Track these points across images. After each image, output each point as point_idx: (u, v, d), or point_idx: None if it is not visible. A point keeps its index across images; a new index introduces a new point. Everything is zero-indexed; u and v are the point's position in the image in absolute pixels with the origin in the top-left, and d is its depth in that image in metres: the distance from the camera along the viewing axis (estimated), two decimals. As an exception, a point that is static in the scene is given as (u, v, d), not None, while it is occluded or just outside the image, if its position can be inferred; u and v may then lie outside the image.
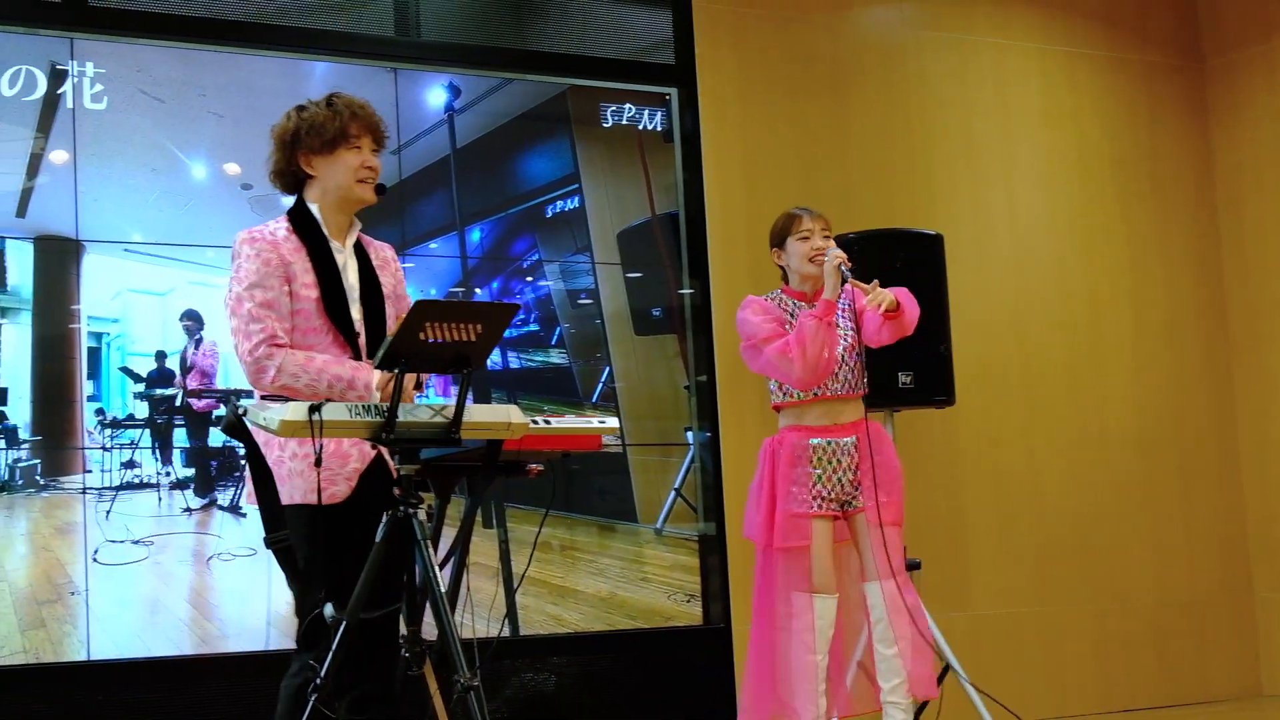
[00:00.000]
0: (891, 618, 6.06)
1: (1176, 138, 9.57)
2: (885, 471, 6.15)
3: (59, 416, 6.79)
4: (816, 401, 6.16)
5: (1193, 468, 9.32)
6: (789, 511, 6.10)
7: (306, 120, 4.83)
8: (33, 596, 6.56)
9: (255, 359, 4.62)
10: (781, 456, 6.18)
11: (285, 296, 4.70)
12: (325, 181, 4.86)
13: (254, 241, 4.74)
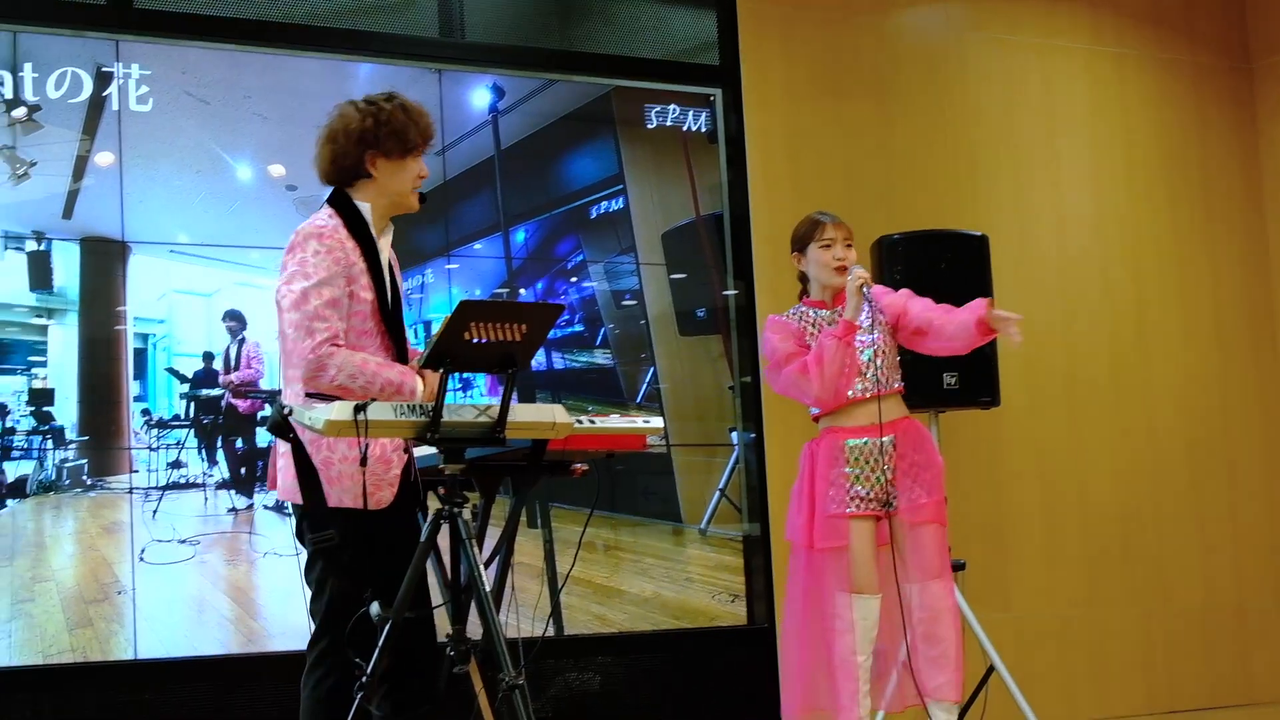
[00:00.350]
0: (929, 617, 6.02)
1: (1224, 139, 9.50)
2: (926, 470, 6.12)
3: (105, 417, 6.80)
4: (852, 403, 6.11)
5: (1240, 470, 9.25)
6: (826, 513, 6.07)
7: (386, 123, 4.78)
8: (80, 596, 6.57)
9: (318, 357, 4.54)
10: (820, 458, 6.15)
11: (347, 297, 4.67)
12: (386, 185, 4.82)
13: (323, 238, 4.67)
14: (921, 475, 6.09)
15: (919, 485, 6.07)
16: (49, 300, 6.71)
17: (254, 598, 6.90)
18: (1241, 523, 9.20)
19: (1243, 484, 9.25)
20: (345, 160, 4.79)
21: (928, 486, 6.09)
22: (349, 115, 4.80)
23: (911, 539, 6.05)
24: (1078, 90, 9.09)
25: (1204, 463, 9.12)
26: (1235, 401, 9.29)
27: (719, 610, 7.84)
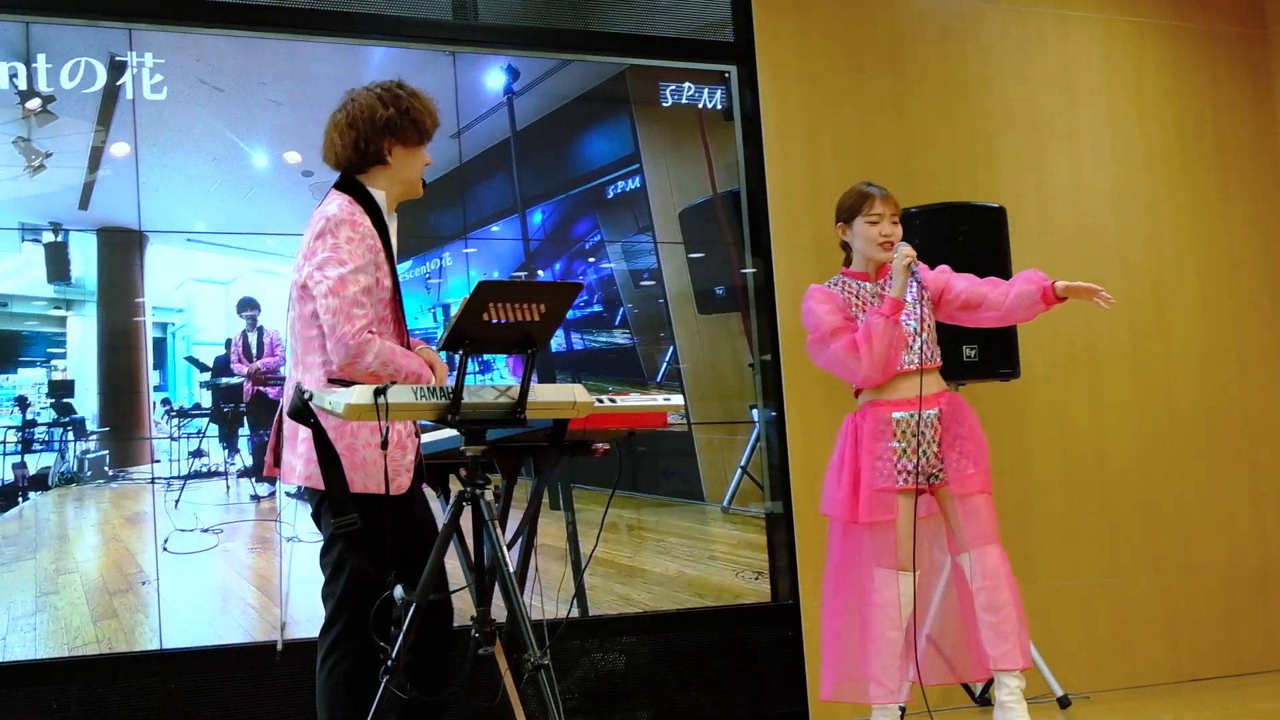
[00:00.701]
0: (989, 584, 6.00)
1: (1240, 106, 9.45)
2: (970, 442, 6.12)
3: (126, 407, 6.77)
4: (901, 376, 6.10)
5: (1261, 437, 9.21)
6: (874, 486, 6.04)
7: (405, 111, 4.82)
8: (104, 587, 6.54)
9: (359, 344, 4.54)
10: (865, 431, 6.12)
11: (375, 286, 4.69)
12: (399, 172, 4.87)
13: (355, 225, 4.68)
14: (966, 447, 6.11)
15: (965, 457, 6.08)
16: (67, 291, 6.69)
17: (279, 585, 6.87)
18: (1262, 489, 9.16)
19: (1263, 451, 9.21)
20: (367, 147, 4.81)
21: (974, 457, 6.11)
22: (369, 103, 4.82)
23: (963, 509, 6.05)
24: (1094, 60, 9.05)
25: (1223, 431, 9.08)
26: (1254, 370, 9.24)
27: (743, 588, 7.81)
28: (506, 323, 4.40)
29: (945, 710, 7.75)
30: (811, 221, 8.02)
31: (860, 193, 6.25)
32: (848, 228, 6.28)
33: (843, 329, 6.10)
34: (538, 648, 4.42)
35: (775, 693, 7.69)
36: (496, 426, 4.58)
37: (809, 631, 7.74)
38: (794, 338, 7.89)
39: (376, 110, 4.80)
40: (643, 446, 7.69)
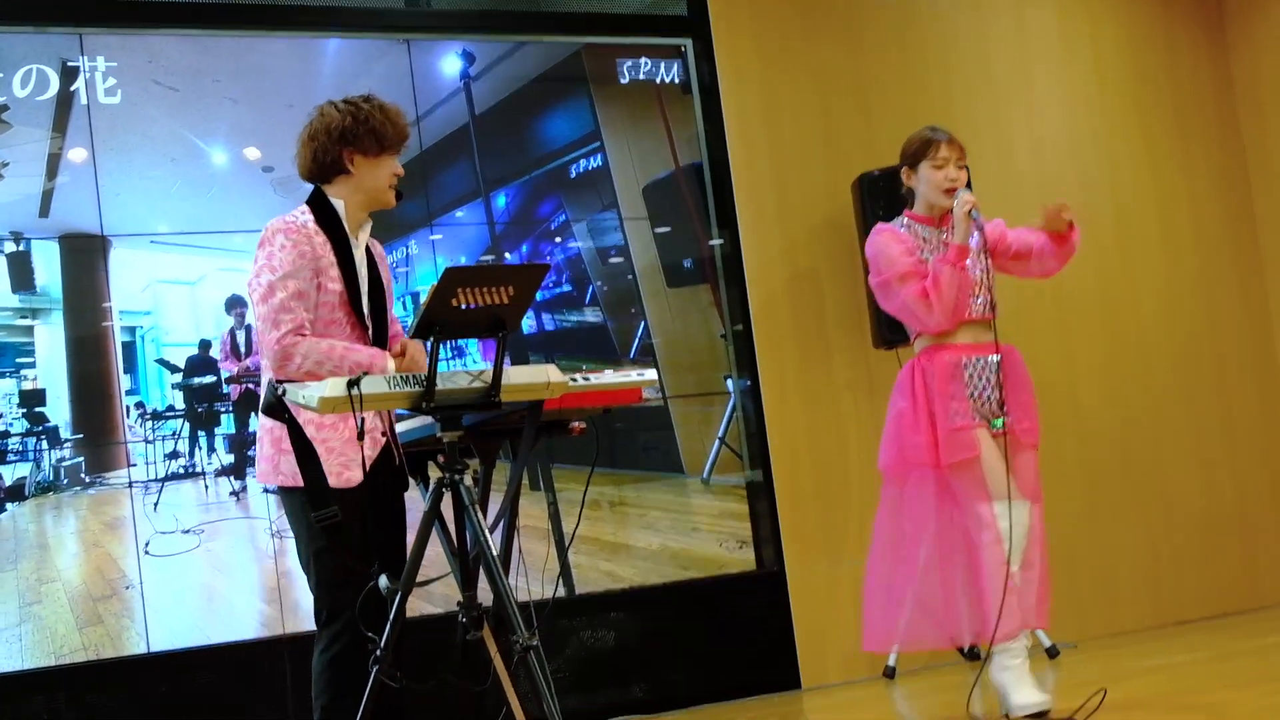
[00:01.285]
0: (1031, 542, 5.93)
1: (1194, 52, 9.42)
2: (1026, 394, 6.09)
3: (99, 413, 6.72)
4: (963, 324, 6.02)
5: (1231, 378, 9.20)
6: (951, 427, 5.92)
7: (363, 120, 4.87)
8: (88, 594, 6.49)
9: (283, 347, 4.66)
10: (934, 374, 5.99)
11: (314, 289, 4.76)
12: (362, 181, 4.91)
13: (290, 232, 4.76)
14: (1023, 398, 6.05)
15: (1021, 409, 6.03)
16: (33, 300, 6.63)
17: (263, 581, 6.83)
18: (1237, 429, 9.16)
19: (1234, 391, 9.20)
20: (326, 157, 4.89)
21: (1027, 409, 6.05)
22: (330, 115, 4.90)
23: (1017, 461, 5.95)
24: (1047, 14, 9.01)
25: (1194, 373, 9.07)
26: (1221, 311, 9.23)
27: (727, 558, 7.79)
28: (476, 307, 4.39)
29: (936, 666, 7.75)
30: (775, 190, 8.01)
31: (925, 138, 6.11)
32: (912, 172, 6.14)
33: (913, 273, 5.97)
34: (526, 629, 4.41)
35: (765, 660, 7.68)
36: (472, 411, 4.56)
37: (796, 598, 7.73)
38: (765, 306, 7.89)
39: (334, 120, 4.87)
40: (620, 423, 7.67)
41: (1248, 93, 9.42)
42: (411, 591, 4.51)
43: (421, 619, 6.06)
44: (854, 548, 7.86)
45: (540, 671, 4.39)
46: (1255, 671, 6.67)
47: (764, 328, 7.92)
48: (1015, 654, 5.82)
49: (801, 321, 8.01)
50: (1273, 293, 9.34)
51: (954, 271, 5.89)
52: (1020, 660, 5.82)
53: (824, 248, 8.04)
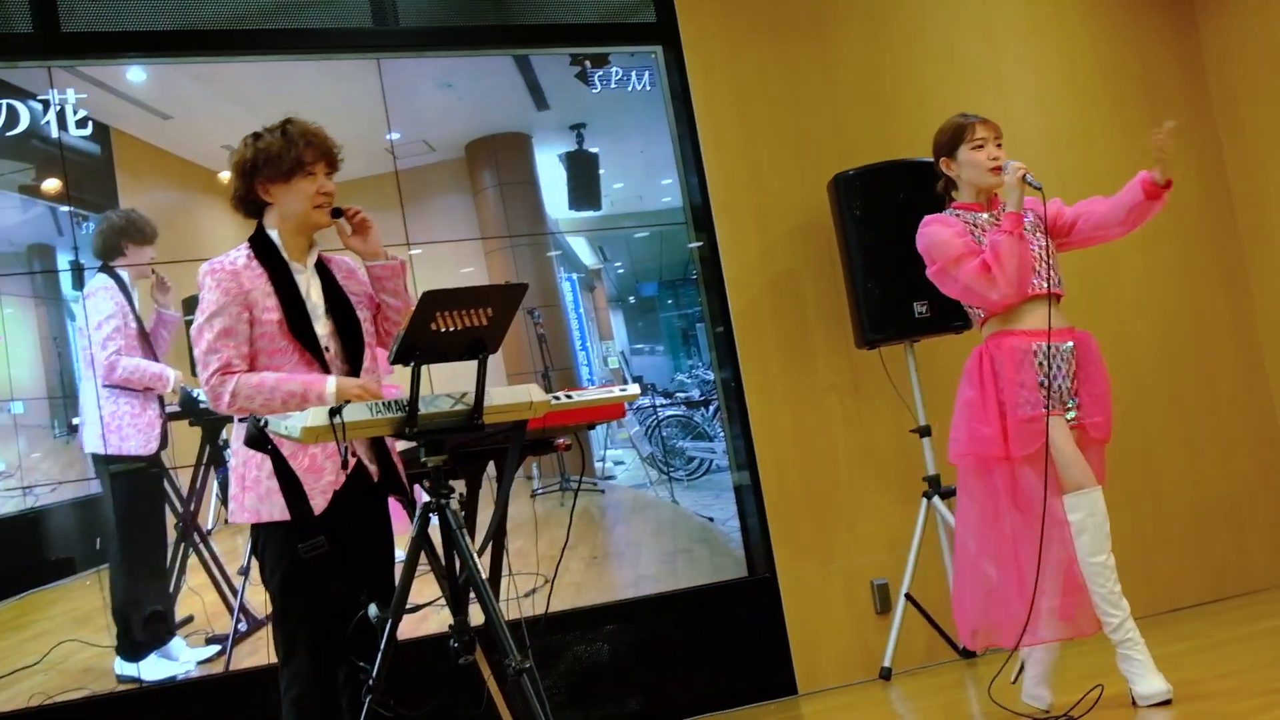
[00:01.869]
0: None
1: (1164, 38, 9.40)
2: (1099, 385, 5.85)
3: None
4: (1025, 305, 5.76)
5: (1215, 364, 9.18)
6: (1021, 417, 5.67)
7: (263, 151, 4.88)
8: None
9: (211, 386, 4.72)
10: (1003, 361, 5.73)
11: (244, 323, 4.78)
12: (283, 208, 4.92)
13: (214, 273, 4.80)
14: (1096, 390, 5.83)
15: (1094, 399, 5.81)
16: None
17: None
18: (1223, 416, 9.14)
19: (1218, 377, 9.18)
20: (241, 193, 4.94)
21: (1100, 401, 5.83)
22: (237, 152, 4.95)
23: (1086, 455, 5.74)
24: (1016, 6, 8.99)
25: (1178, 361, 9.05)
26: (1202, 296, 9.22)
27: (718, 532, 7.82)
28: (456, 330, 4.38)
29: (932, 666, 7.74)
30: (751, 192, 8.00)
31: (958, 124, 5.92)
32: (951, 161, 5.94)
33: (969, 253, 5.74)
34: (518, 651, 4.40)
35: (760, 667, 7.65)
36: (455, 434, 4.55)
37: (789, 603, 7.71)
38: (746, 309, 7.87)
39: (239, 157, 4.92)
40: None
41: (1220, 78, 9.40)
42: (402, 618, 4.50)
43: (413, 641, 6.03)
44: (844, 550, 7.87)
45: (534, 692, 4.39)
46: (1248, 658, 6.65)
47: (745, 330, 7.90)
48: (1133, 644, 5.66)
49: (783, 323, 7.99)
50: (1254, 278, 9.32)
51: (1012, 240, 5.64)
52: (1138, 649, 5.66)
53: (803, 248, 8.02)
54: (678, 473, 7.82)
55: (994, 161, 5.83)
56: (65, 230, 6.66)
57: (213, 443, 6.81)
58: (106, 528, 6.58)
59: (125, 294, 6.72)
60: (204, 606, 6.65)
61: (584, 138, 7.90)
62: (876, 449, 8.00)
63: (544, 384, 7.18)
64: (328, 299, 4.93)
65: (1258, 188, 9.27)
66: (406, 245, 7.32)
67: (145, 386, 6.71)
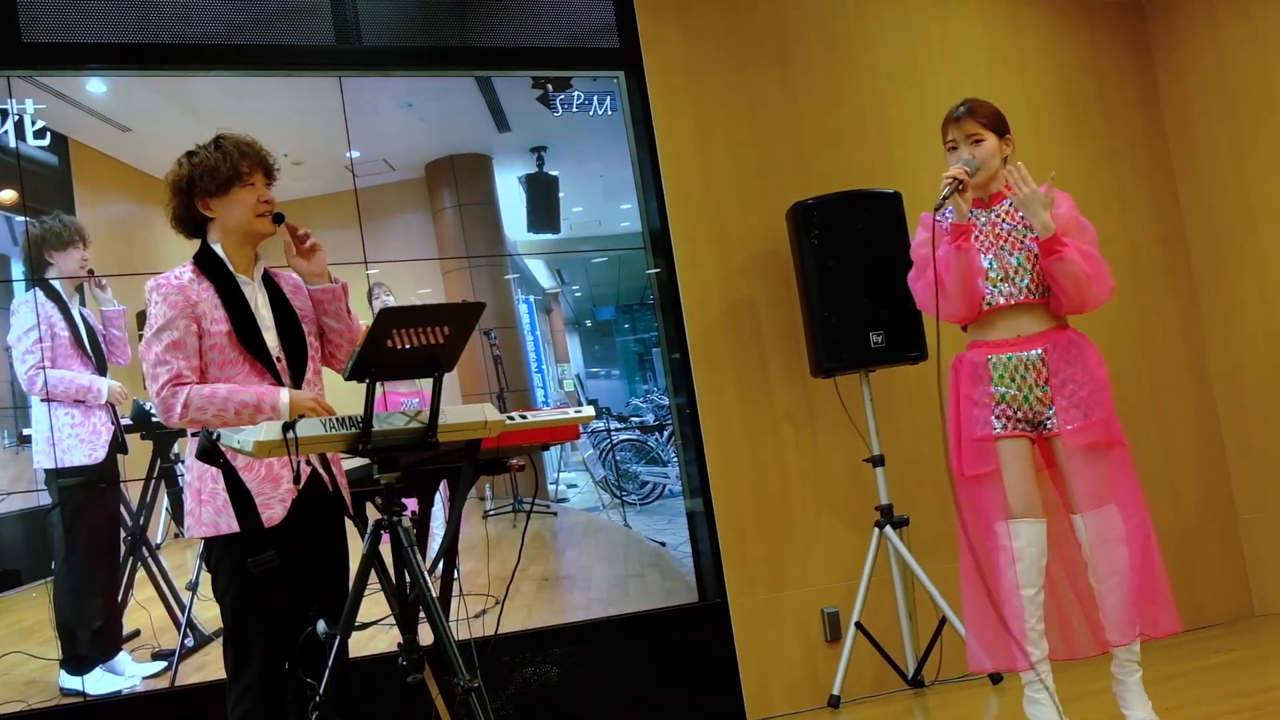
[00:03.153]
0: (1101, 550, 5.43)
1: (1121, 73, 9.46)
2: (1082, 387, 5.52)
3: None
4: (994, 312, 5.54)
5: (1166, 397, 9.22)
6: (971, 435, 5.53)
7: (199, 166, 4.90)
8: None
9: (162, 399, 4.72)
10: (963, 376, 5.59)
11: (193, 336, 4.80)
12: (225, 221, 4.94)
13: (160, 288, 4.82)
14: (1077, 393, 5.51)
15: (1075, 405, 5.49)
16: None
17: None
18: (1172, 449, 9.17)
19: (1170, 411, 9.21)
20: (182, 211, 4.96)
21: (1084, 405, 5.50)
22: (171, 173, 4.97)
23: (1071, 464, 5.48)
24: (975, 40, 9.03)
25: (1130, 392, 9.05)
26: (1155, 330, 9.26)
27: (670, 557, 7.83)
28: (412, 348, 4.38)
29: (880, 695, 7.74)
30: (710, 219, 8.02)
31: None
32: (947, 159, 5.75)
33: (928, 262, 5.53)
34: (466, 670, 4.39)
35: (709, 693, 7.65)
36: (409, 452, 4.53)
37: (739, 628, 7.71)
38: (702, 335, 7.88)
39: (174, 176, 4.94)
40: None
41: (1175, 112, 9.46)
42: (351, 635, 4.48)
43: (362, 659, 6.00)
44: (796, 578, 7.88)
45: (483, 712, 4.37)
46: (1197, 691, 6.69)
47: (701, 356, 7.90)
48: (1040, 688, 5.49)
49: (739, 350, 8.00)
50: (1206, 314, 9.37)
51: (955, 252, 5.48)
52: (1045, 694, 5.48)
53: (761, 276, 8.03)
54: (631, 497, 7.84)
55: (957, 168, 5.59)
56: (21, 240, 6.63)
57: (163, 457, 6.78)
58: (53, 540, 6.54)
59: (59, 303, 6.66)
60: (151, 621, 6.64)
61: (544, 160, 7.91)
62: (830, 478, 8.01)
63: (499, 405, 7.16)
64: (275, 312, 4.95)
65: (1211, 222, 9.32)
66: (364, 264, 7.31)
67: (75, 399, 6.66)
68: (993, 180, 5.66)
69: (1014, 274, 5.52)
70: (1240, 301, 9.21)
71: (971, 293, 5.53)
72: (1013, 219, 5.61)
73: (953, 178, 5.49)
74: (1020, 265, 5.53)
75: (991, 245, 5.58)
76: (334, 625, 4.46)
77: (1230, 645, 8.13)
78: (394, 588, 4.62)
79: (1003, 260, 5.54)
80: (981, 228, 5.61)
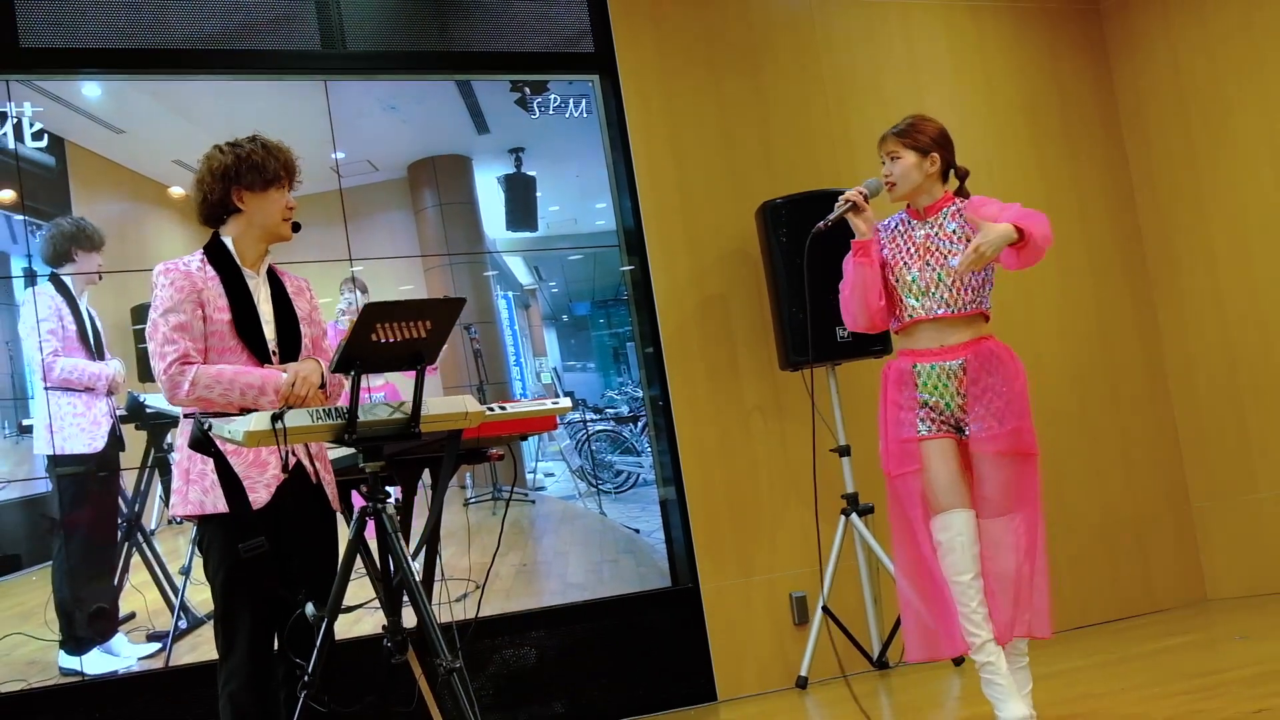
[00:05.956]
0: (989, 553, 5.50)
1: (1080, 79, 9.55)
2: (999, 396, 5.51)
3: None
4: (917, 324, 5.57)
5: (1123, 391, 9.31)
6: (898, 437, 5.58)
7: (245, 159, 4.90)
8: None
9: (169, 376, 4.74)
10: (890, 381, 5.63)
11: (198, 320, 4.82)
12: (254, 216, 4.95)
13: (168, 272, 4.84)
14: (994, 401, 5.50)
15: (991, 413, 5.50)
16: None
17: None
18: (1129, 441, 9.27)
19: (1126, 405, 9.31)
20: (214, 196, 4.94)
21: (1000, 414, 5.50)
22: (214, 157, 4.95)
23: (980, 470, 5.53)
24: (939, 44, 9.11)
25: (1089, 388, 9.18)
26: (1113, 326, 9.35)
27: (644, 543, 7.90)
28: (395, 341, 4.42)
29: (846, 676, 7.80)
30: (682, 218, 8.08)
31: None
32: None
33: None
34: (448, 651, 4.44)
35: (681, 674, 7.71)
36: (393, 441, 4.59)
37: (711, 613, 7.78)
38: (675, 331, 7.94)
39: (217, 161, 4.92)
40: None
41: (1132, 119, 9.56)
42: (337, 618, 4.54)
43: (348, 641, 6.06)
44: (765, 563, 7.94)
45: (464, 692, 4.42)
46: (1152, 674, 6.73)
47: (674, 351, 7.98)
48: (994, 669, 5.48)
49: (710, 344, 8.07)
50: (1161, 309, 9.47)
51: (854, 269, 5.56)
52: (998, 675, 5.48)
53: (732, 274, 8.10)
54: (606, 485, 7.91)
55: (887, 178, 5.66)
56: (19, 238, 6.69)
57: (157, 446, 6.83)
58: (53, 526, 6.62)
59: (68, 298, 6.73)
60: (146, 604, 6.70)
61: (522, 161, 7.97)
62: (797, 467, 8.06)
63: (479, 397, 7.21)
64: (276, 308, 4.97)
65: (1166, 225, 9.42)
66: (349, 261, 7.37)
67: (85, 386, 6.72)
68: (919, 194, 5.67)
69: (935, 288, 5.56)
70: (1193, 297, 9.31)
71: (870, 304, 5.59)
72: (943, 233, 5.63)
73: (847, 200, 5.59)
74: (940, 280, 5.56)
75: (919, 259, 5.61)
76: (321, 608, 4.50)
77: (1184, 629, 8.19)
78: (379, 572, 4.66)
79: (926, 274, 5.58)
80: (918, 240, 5.63)
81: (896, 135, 5.70)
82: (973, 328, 5.61)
